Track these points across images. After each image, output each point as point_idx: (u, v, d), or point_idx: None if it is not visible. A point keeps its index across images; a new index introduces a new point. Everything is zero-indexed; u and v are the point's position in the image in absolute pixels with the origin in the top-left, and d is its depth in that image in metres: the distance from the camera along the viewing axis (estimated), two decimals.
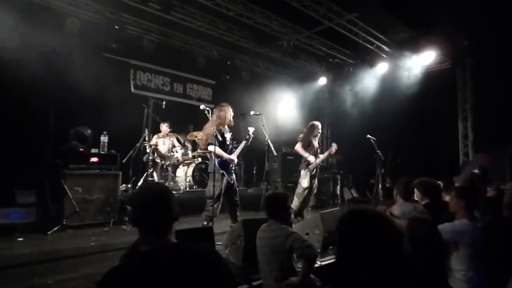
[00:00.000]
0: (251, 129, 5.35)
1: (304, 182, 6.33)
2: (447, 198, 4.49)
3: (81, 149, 6.06)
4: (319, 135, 6.82)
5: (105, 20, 7.55)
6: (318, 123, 6.73)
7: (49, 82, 6.48)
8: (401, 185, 4.04)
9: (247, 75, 10.52)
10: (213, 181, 4.86)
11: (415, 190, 4.09)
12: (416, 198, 4.10)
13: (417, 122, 9.46)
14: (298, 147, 6.53)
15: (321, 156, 6.58)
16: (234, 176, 5.27)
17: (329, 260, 3.97)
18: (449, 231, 2.89)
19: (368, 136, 7.81)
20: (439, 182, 4.59)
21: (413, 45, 9.10)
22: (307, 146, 6.53)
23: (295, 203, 6.18)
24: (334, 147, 6.44)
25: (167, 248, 1.49)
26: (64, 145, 6.25)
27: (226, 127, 5.33)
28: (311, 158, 6.37)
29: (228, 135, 5.26)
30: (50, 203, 6.00)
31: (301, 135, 7.01)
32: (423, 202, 3.96)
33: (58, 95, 6.80)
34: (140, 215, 1.58)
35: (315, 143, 6.67)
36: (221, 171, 4.98)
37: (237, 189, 5.40)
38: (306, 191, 6.33)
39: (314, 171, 6.52)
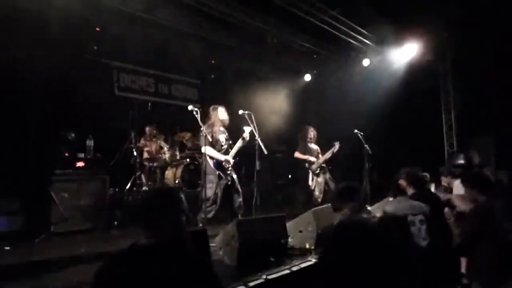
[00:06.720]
0: (247, 129, 5.20)
1: (309, 181, 7.01)
2: (432, 188, 4.59)
3: (66, 154, 5.91)
4: (314, 137, 7.39)
5: (85, 21, 7.38)
6: (307, 126, 7.37)
7: (30, 86, 6.30)
8: None
9: (232, 74, 10.44)
10: (207, 183, 4.75)
11: (401, 181, 4.16)
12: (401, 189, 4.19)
13: (403, 114, 9.56)
14: (296, 154, 7.27)
15: (321, 157, 7.18)
16: (235, 176, 5.18)
17: None
18: None
19: (356, 131, 7.88)
20: (426, 173, 4.71)
21: (396, 38, 9.21)
22: (304, 152, 7.18)
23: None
24: (336, 146, 7.13)
25: (156, 246, 1.60)
26: (48, 150, 6.09)
27: (220, 128, 5.25)
28: (311, 158, 7.05)
29: (222, 136, 5.18)
30: (36, 210, 5.85)
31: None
32: (409, 193, 4.04)
33: (40, 99, 6.62)
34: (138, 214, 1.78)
35: (312, 145, 7.28)
36: (217, 172, 4.91)
37: (239, 189, 5.25)
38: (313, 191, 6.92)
39: (318, 170, 7.12)
